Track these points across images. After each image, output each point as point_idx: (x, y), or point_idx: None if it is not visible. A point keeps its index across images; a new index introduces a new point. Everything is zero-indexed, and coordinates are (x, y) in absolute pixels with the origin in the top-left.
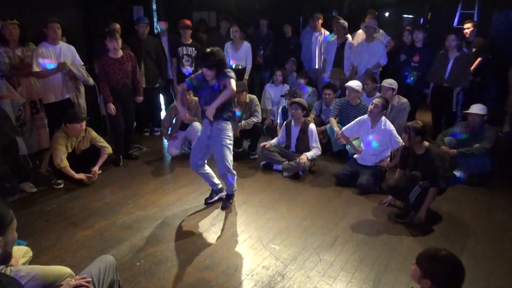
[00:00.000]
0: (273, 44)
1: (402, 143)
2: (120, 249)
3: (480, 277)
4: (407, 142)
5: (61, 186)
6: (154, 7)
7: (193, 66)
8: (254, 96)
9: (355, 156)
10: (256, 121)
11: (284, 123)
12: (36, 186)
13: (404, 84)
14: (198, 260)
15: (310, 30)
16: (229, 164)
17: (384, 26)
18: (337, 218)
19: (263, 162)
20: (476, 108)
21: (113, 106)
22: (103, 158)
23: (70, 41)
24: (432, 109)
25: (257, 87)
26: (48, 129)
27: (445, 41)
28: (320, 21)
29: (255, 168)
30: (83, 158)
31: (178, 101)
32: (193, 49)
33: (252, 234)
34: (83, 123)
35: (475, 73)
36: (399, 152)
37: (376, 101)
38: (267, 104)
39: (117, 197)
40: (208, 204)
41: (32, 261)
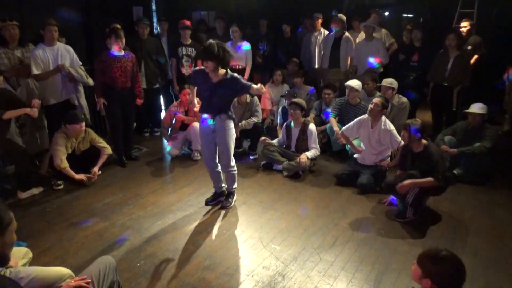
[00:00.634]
0: (273, 44)
1: (402, 143)
2: (120, 250)
3: (481, 276)
4: (407, 140)
5: (61, 187)
6: (154, 8)
7: (193, 67)
8: (255, 96)
9: (355, 156)
10: (257, 121)
11: (284, 124)
12: (36, 187)
13: (404, 84)
14: (199, 261)
15: (307, 31)
16: (231, 155)
17: (384, 26)
18: (338, 218)
19: (263, 162)
20: (477, 107)
21: (103, 101)
22: (103, 159)
23: (70, 42)
24: (432, 108)
25: None
26: (48, 130)
27: (445, 40)
28: (320, 21)
29: (255, 168)
30: (83, 159)
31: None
32: (193, 50)
33: (253, 234)
34: (83, 124)
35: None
36: (399, 152)
37: (376, 101)
38: (267, 104)
39: (117, 198)
40: (209, 205)
41: (32, 262)
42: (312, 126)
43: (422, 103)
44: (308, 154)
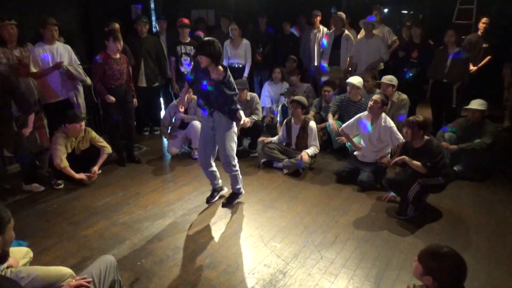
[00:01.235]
0: (272, 42)
1: (403, 140)
2: (121, 249)
3: (482, 273)
4: (410, 137)
5: (61, 187)
6: (152, 6)
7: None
8: (255, 94)
9: (356, 153)
10: (257, 119)
11: (285, 121)
12: (39, 184)
13: (404, 80)
14: (199, 259)
15: (307, 29)
16: (233, 153)
17: (385, 23)
18: (338, 216)
19: (263, 160)
20: (476, 104)
21: (111, 97)
22: (103, 158)
23: (69, 41)
24: (432, 105)
25: (256, 85)
26: (48, 130)
27: (444, 37)
28: (319, 18)
29: (255, 166)
30: (83, 158)
31: (183, 94)
32: (192, 48)
33: (253, 233)
34: (83, 123)
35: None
36: (399, 150)
37: (376, 97)
38: (267, 102)
39: (118, 197)
40: (210, 203)
41: (33, 262)
42: (313, 124)
43: (422, 100)
44: (308, 152)
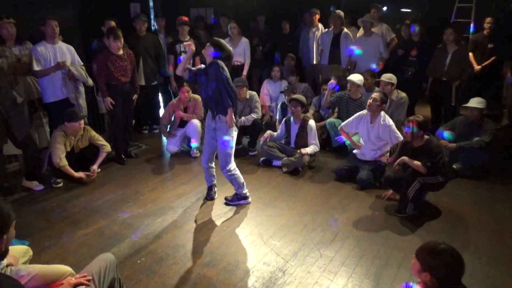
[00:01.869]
0: (271, 41)
1: (402, 138)
2: (121, 247)
3: (481, 271)
4: (410, 137)
5: (61, 185)
6: (151, 4)
7: (191, 64)
8: (254, 93)
9: (355, 152)
10: (256, 117)
11: (284, 119)
12: (39, 182)
13: (403, 79)
14: (199, 257)
15: (305, 27)
16: (229, 158)
17: (383, 21)
18: (337, 214)
19: (263, 158)
20: (475, 102)
21: (110, 100)
22: (102, 157)
23: (67, 40)
24: (431, 103)
25: (256, 83)
26: (49, 129)
27: (443, 35)
28: (317, 16)
29: (255, 165)
30: (82, 157)
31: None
32: None
33: (253, 231)
34: (82, 122)
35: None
36: (399, 149)
37: (375, 95)
38: (266, 100)
39: (117, 195)
40: (209, 200)
41: (33, 260)
42: (312, 122)
43: (421, 99)
44: (308, 150)
